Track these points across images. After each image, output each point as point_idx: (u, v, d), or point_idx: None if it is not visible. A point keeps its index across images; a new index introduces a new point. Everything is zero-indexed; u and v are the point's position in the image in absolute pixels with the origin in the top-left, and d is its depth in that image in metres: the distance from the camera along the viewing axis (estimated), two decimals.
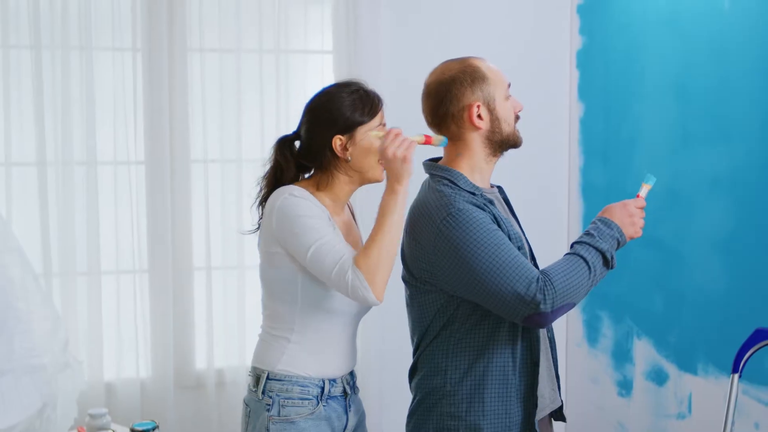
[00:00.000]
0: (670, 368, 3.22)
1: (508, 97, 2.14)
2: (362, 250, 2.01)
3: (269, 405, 2.10)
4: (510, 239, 2.03)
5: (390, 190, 2.03)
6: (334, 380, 2.16)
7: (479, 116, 2.09)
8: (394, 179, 2.03)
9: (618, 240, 2.04)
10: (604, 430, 3.53)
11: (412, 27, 3.56)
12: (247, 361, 3.38)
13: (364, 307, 2.20)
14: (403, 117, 3.52)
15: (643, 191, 2.15)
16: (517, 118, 2.18)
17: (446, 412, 2.05)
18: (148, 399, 3.29)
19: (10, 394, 1.42)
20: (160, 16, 3.22)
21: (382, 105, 2.19)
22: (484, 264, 1.91)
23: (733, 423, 2.24)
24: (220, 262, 3.38)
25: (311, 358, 2.12)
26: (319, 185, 2.16)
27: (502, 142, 2.13)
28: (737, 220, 2.93)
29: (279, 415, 2.10)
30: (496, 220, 2.03)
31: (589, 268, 1.97)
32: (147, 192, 3.28)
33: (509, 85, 2.18)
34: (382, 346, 3.50)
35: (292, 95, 3.43)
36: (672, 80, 3.19)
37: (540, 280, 1.92)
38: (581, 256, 1.98)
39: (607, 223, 2.04)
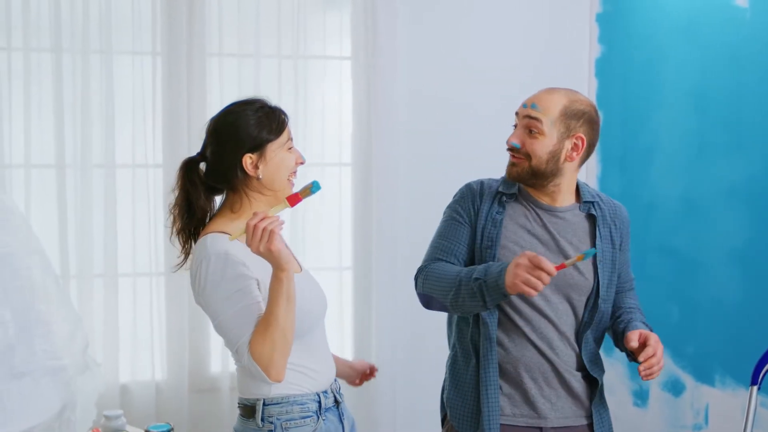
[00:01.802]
0: (687, 379, 3.20)
1: None
2: (256, 337, 1.96)
3: (271, 430, 2.05)
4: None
5: (274, 277, 1.95)
6: (325, 391, 2.13)
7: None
8: (274, 267, 1.95)
9: (497, 282, 2.05)
10: None
11: (430, 33, 3.56)
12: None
13: (324, 306, 2.19)
14: (419, 123, 3.56)
15: (569, 261, 2.04)
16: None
17: None
18: (163, 401, 3.30)
19: (30, 396, 1.42)
20: (179, 21, 3.24)
21: (288, 120, 2.13)
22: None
23: None
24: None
25: (301, 374, 2.07)
26: (233, 207, 2.09)
27: None
28: (754, 230, 2.91)
29: None
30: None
31: (460, 282, 2.12)
32: (164, 195, 3.29)
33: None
34: (394, 347, 3.50)
35: (310, 101, 3.44)
36: (690, 89, 3.18)
37: (423, 268, 2.24)
38: (463, 272, 2.14)
39: (501, 266, 2.06)
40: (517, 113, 2.25)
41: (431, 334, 3.55)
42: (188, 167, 2.11)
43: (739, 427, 2.24)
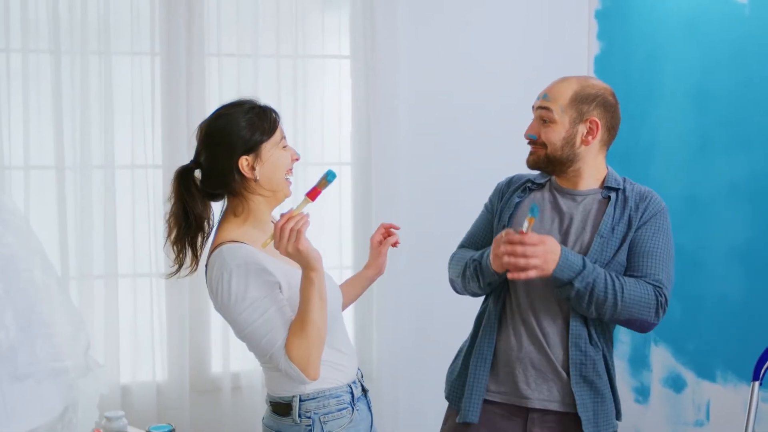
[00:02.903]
0: (688, 375, 3.20)
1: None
2: (292, 339, 1.96)
3: (310, 426, 2.05)
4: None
5: (305, 278, 1.96)
6: (354, 382, 2.14)
7: None
8: (304, 268, 1.96)
9: (487, 261, 2.22)
10: None
11: (429, 32, 3.56)
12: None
13: (341, 300, 2.19)
14: (418, 121, 3.55)
15: (525, 226, 2.09)
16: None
17: None
18: (164, 402, 3.30)
19: (32, 398, 1.42)
20: (178, 21, 3.24)
21: (279, 119, 2.12)
22: None
23: (753, 431, 2.23)
24: None
25: (331, 368, 2.08)
26: (236, 212, 2.08)
27: None
28: (756, 227, 2.90)
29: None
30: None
31: (466, 264, 2.32)
32: (164, 196, 3.26)
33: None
34: (396, 346, 3.50)
35: (310, 100, 3.44)
36: (691, 86, 3.18)
37: (452, 255, 2.43)
38: (472, 255, 2.32)
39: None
40: (533, 106, 2.31)
41: (432, 333, 3.56)
42: (183, 176, 2.08)
43: (741, 423, 2.24)
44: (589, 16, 3.71)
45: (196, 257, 2.12)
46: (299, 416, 2.05)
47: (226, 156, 2.03)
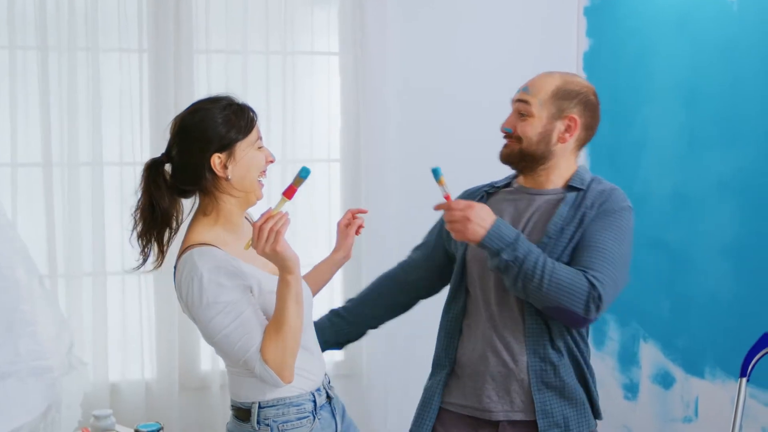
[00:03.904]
0: (677, 372, 3.21)
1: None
2: (267, 342, 1.92)
3: None
4: None
5: (282, 281, 1.92)
6: (318, 389, 2.10)
7: None
8: (281, 270, 1.91)
9: None
10: None
11: (419, 28, 3.55)
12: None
13: (311, 304, 2.16)
14: (407, 118, 3.55)
15: (443, 191, 2.08)
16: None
17: None
18: (153, 400, 3.29)
19: (14, 397, 1.41)
20: (166, 18, 3.23)
21: (257, 118, 2.06)
22: None
23: (740, 427, 2.23)
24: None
25: (296, 374, 2.02)
26: (205, 211, 2.03)
27: None
28: (745, 224, 2.91)
29: None
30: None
31: None
32: None
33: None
34: (385, 343, 3.50)
35: (299, 97, 3.43)
36: (680, 83, 3.18)
37: None
38: None
39: None
40: (512, 99, 2.25)
41: (422, 332, 3.55)
42: (152, 169, 2.02)
43: (729, 418, 2.25)
44: (578, 13, 3.71)
45: (162, 253, 2.06)
46: (258, 423, 2.02)
47: (198, 152, 1.97)
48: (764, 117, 2.82)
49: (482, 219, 2.05)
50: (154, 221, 2.02)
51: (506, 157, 2.22)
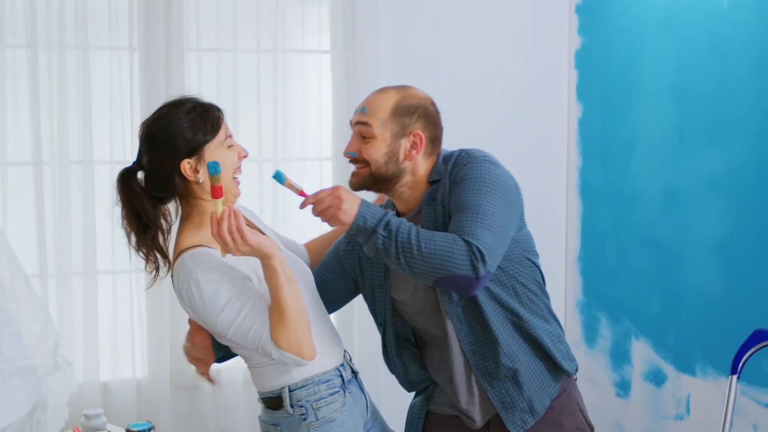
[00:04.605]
0: (669, 369, 3.21)
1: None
2: (275, 330, 1.92)
3: (303, 414, 2.03)
4: None
5: (266, 267, 1.91)
6: (342, 365, 2.12)
7: None
8: (262, 258, 1.91)
9: None
10: (602, 431, 3.52)
11: (410, 26, 3.55)
12: (243, 361, 3.37)
13: (312, 280, 2.16)
14: None
15: (296, 187, 2.04)
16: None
17: None
18: (144, 399, 3.28)
19: None
20: (157, 15, 3.21)
21: (223, 116, 2.05)
22: None
23: (731, 424, 2.23)
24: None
25: (317, 352, 2.03)
26: (189, 217, 2.03)
27: None
28: (735, 222, 2.92)
29: (317, 419, 2.03)
30: None
31: None
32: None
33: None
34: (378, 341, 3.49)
35: (290, 95, 3.42)
36: (670, 81, 3.18)
37: None
38: None
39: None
40: (350, 122, 2.16)
41: None
42: (126, 178, 2.02)
43: (721, 416, 2.25)
44: (570, 11, 3.71)
45: (165, 257, 2.06)
46: (291, 406, 2.03)
47: (167, 159, 1.96)
48: (754, 115, 2.83)
49: (352, 198, 1.99)
50: (144, 228, 2.02)
51: (358, 186, 2.14)
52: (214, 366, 3.12)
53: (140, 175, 2.03)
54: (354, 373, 2.17)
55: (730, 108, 2.92)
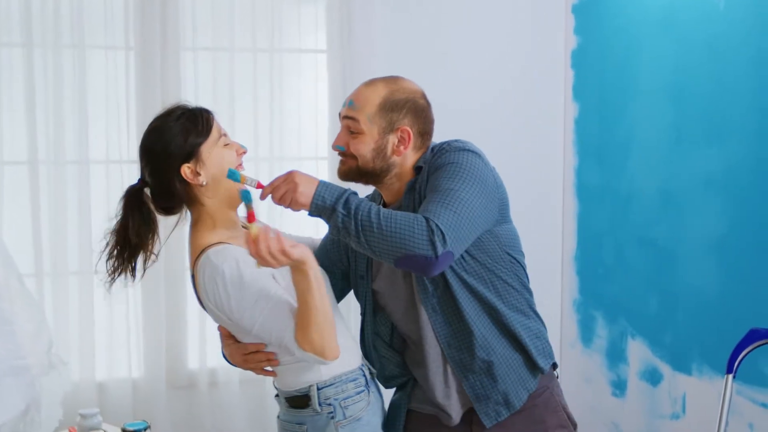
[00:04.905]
0: (665, 368, 3.21)
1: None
2: (301, 332, 1.93)
3: (332, 412, 2.03)
4: None
5: (299, 272, 1.92)
6: (363, 364, 2.14)
7: None
8: (297, 265, 1.91)
9: None
10: (598, 430, 3.53)
11: (407, 26, 3.55)
12: None
13: (327, 280, 2.16)
14: None
15: (249, 182, 2.01)
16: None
17: None
18: (140, 399, 3.28)
19: None
20: (152, 15, 3.21)
21: (213, 116, 2.07)
22: None
23: (727, 423, 2.23)
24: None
25: (342, 350, 2.03)
26: (200, 220, 2.05)
27: None
28: (731, 221, 2.92)
29: (345, 417, 2.04)
30: None
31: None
32: None
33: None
34: None
35: (286, 94, 3.42)
36: (666, 81, 3.18)
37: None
38: None
39: None
40: (339, 114, 2.15)
41: None
42: (134, 196, 2.06)
43: (716, 415, 2.25)
44: (566, 11, 3.71)
45: (133, 275, 2.10)
46: (319, 405, 2.03)
47: (166, 167, 2.00)
48: (751, 114, 2.83)
49: (308, 181, 1.98)
50: (125, 245, 2.06)
51: (345, 175, 2.13)
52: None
53: (147, 191, 2.07)
54: (371, 372, 2.18)
55: (727, 108, 2.92)
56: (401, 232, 1.90)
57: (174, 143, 1.99)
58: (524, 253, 2.21)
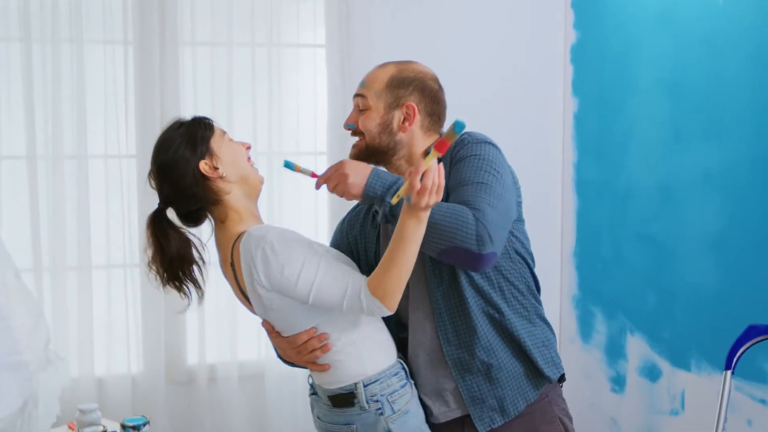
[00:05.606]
0: (664, 364, 3.21)
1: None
2: (380, 274, 1.89)
3: (380, 409, 2.00)
4: None
5: (416, 219, 1.85)
6: (400, 358, 2.11)
7: None
8: (424, 212, 1.85)
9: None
10: (597, 426, 3.53)
11: (405, 21, 3.54)
12: (238, 356, 3.37)
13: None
14: None
15: (307, 171, 2.05)
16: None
17: None
18: (139, 394, 3.28)
19: None
20: (151, 9, 3.20)
21: (213, 121, 2.08)
22: None
23: (725, 419, 2.24)
24: (213, 257, 3.35)
25: (382, 348, 2.04)
26: (226, 217, 2.04)
27: None
28: (730, 217, 2.92)
29: (394, 411, 2.01)
30: None
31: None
32: (138, 186, 3.25)
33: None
34: None
35: (285, 89, 3.41)
36: (665, 76, 3.18)
37: None
38: None
39: None
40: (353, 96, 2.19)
41: None
42: (157, 220, 2.04)
43: (715, 411, 2.25)
44: (566, 6, 3.70)
45: (198, 288, 2.09)
46: (367, 402, 2.00)
47: (185, 171, 2.00)
48: (749, 110, 2.83)
49: (358, 171, 1.98)
50: (171, 265, 2.05)
51: (356, 158, 2.12)
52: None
53: (169, 213, 2.06)
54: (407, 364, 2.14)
55: (725, 104, 2.92)
56: (449, 222, 1.90)
57: (184, 148, 2.01)
58: (533, 255, 2.18)
